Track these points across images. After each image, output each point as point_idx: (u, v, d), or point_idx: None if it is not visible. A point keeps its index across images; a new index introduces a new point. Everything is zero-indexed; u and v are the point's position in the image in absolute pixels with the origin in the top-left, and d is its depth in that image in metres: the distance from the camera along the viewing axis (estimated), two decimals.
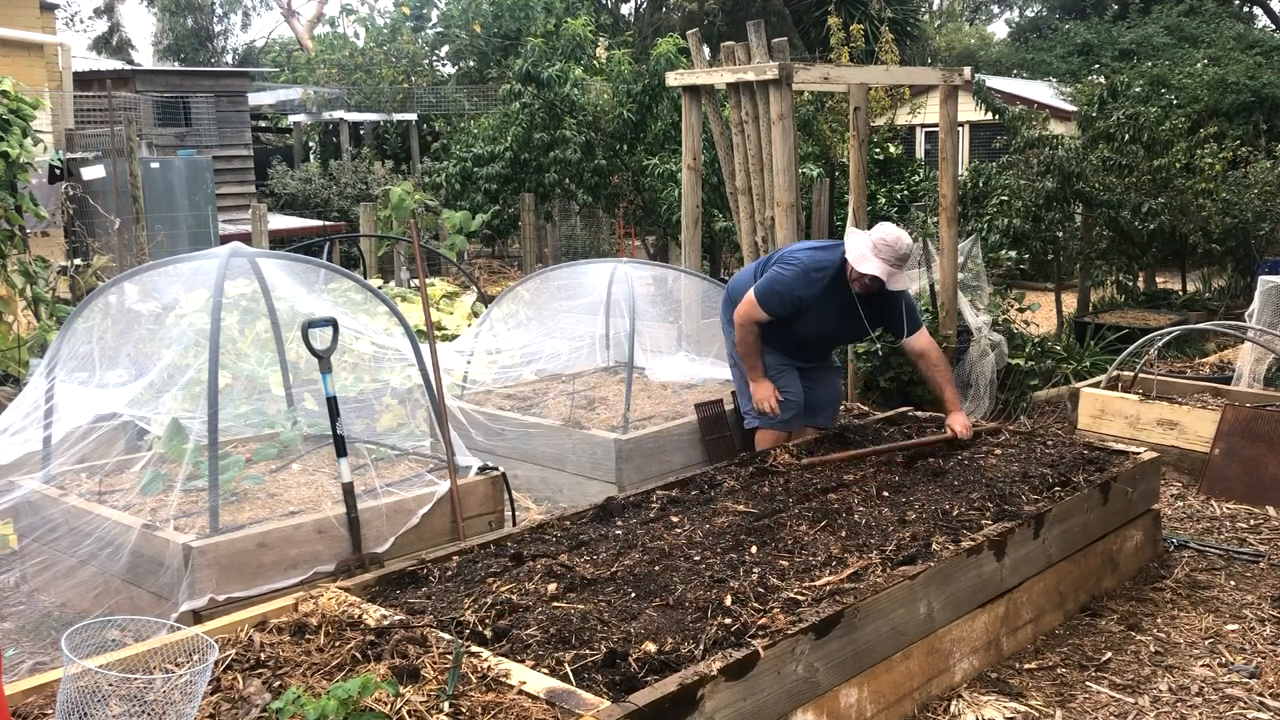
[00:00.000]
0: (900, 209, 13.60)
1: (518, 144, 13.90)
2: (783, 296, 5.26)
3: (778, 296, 5.26)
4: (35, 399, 4.67)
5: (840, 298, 5.27)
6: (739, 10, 21.90)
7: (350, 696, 2.57)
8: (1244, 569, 4.79)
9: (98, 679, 2.54)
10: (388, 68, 21.22)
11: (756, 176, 6.94)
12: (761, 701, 2.97)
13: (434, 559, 3.78)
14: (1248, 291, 9.90)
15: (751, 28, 6.86)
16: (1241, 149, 11.59)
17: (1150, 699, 3.70)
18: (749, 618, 3.21)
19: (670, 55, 12.56)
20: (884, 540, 3.86)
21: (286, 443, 5.14)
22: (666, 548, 3.80)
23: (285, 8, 33.31)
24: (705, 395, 6.26)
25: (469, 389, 6.72)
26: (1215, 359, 8.21)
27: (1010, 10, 38.04)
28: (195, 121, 16.50)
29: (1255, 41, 19.96)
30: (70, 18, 35.62)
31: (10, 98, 7.26)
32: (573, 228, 16.47)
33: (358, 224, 13.43)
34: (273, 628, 3.19)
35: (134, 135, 10.78)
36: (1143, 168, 9.98)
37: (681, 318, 7.63)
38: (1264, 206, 10.54)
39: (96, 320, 4.96)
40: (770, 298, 5.28)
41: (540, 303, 7.25)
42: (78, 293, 8.22)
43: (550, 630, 3.13)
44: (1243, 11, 30.01)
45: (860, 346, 7.77)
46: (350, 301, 5.56)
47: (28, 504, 4.54)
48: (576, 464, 5.79)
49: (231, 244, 4.75)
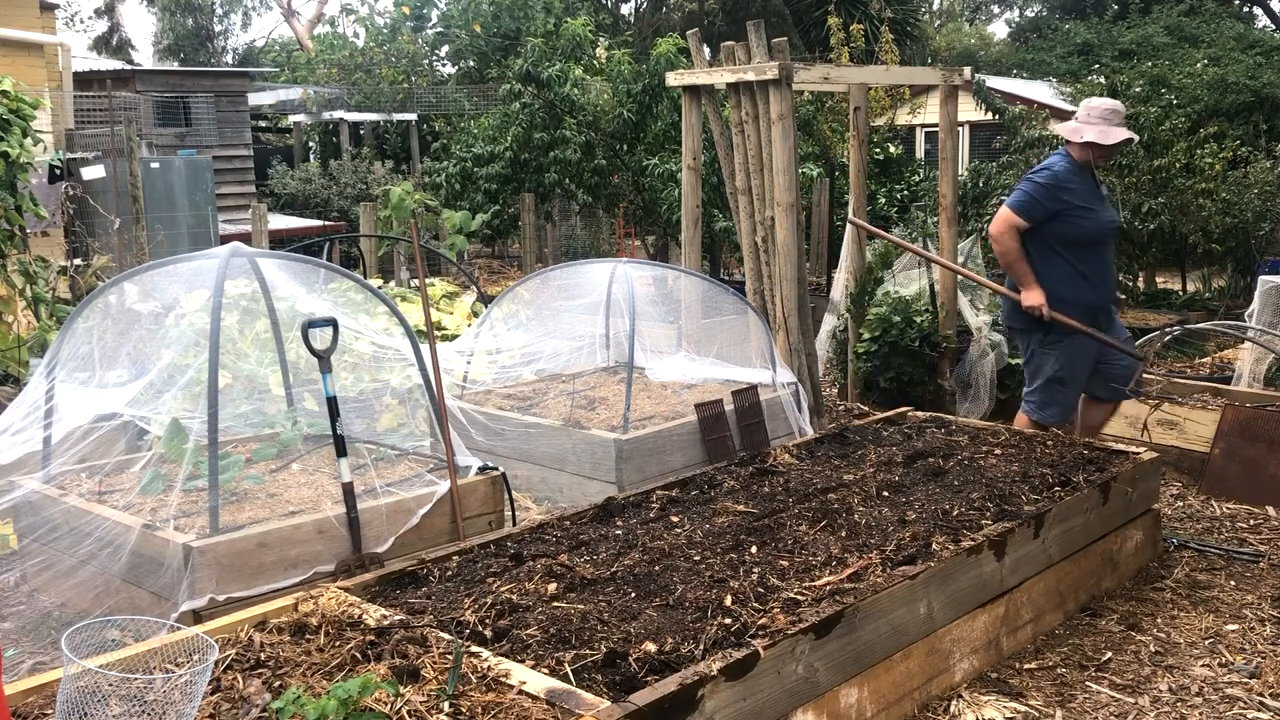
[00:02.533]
0: (900, 209, 13.60)
1: (518, 144, 13.90)
2: (1047, 189, 5.25)
3: (1042, 192, 5.24)
4: (35, 399, 4.67)
5: (1095, 189, 5.39)
6: (739, 10, 21.90)
7: (350, 696, 2.57)
8: (1244, 569, 4.79)
9: (98, 679, 2.54)
10: (388, 68, 21.23)
11: (756, 176, 6.94)
12: (761, 701, 2.97)
13: (434, 559, 3.78)
14: (1248, 291, 9.89)
15: (751, 28, 6.86)
16: (1241, 149, 11.58)
17: (1150, 699, 3.69)
18: (749, 618, 3.21)
19: (670, 55, 12.57)
20: (884, 540, 3.86)
21: (286, 443, 5.14)
22: (666, 548, 3.80)
23: (285, 8, 33.31)
24: (705, 395, 6.26)
25: (469, 389, 6.72)
26: (1215, 359, 8.21)
27: (1010, 10, 38.05)
28: (195, 121, 16.49)
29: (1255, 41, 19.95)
30: (70, 18, 35.63)
31: (10, 98, 7.27)
32: (573, 228, 16.47)
33: (358, 224, 13.44)
34: (273, 628, 3.19)
35: (134, 135, 10.78)
36: (1143, 168, 9.99)
37: (681, 318, 7.62)
38: (1264, 206, 10.53)
39: (96, 320, 4.96)
40: (1028, 201, 5.26)
41: (540, 303, 7.25)
42: (78, 293, 8.22)
43: (550, 630, 3.13)
44: (1243, 11, 30.01)
45: (860, 346, 7.77)
46: (350, 301, 5.56)
47: (28, 504, 4.54)
48: (576, 464, 5.79)
49: (231, 244, 4.74)
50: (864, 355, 7.67)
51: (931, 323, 7.64)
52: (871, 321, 7.71)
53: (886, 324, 7.61)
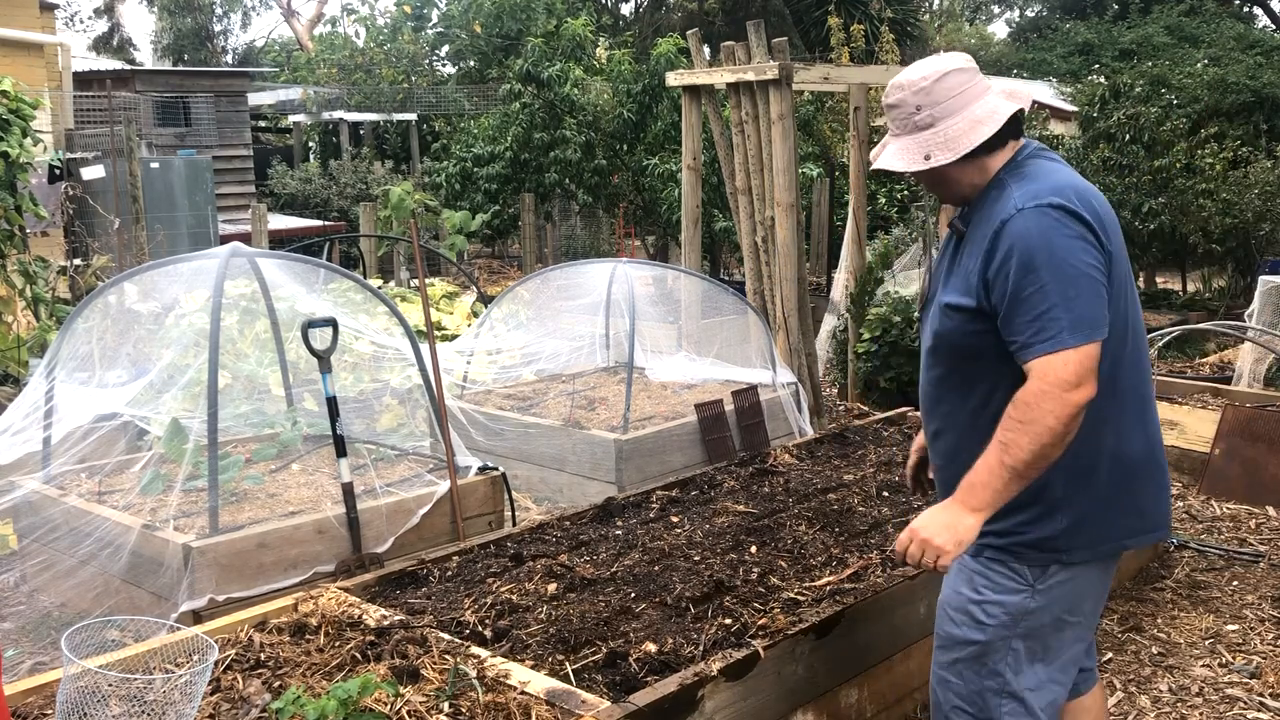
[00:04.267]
0: (900, 209, 13.59)
1: (518, 144, 13.90)
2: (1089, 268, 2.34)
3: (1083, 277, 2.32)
4: (35, 399, 4.67)
5: None
6: (739, 10, 21.90)
7: (350, 697, 2.57)
8: (1244, 569, 4.79)
9: (98, 679, 2.54)
10: (388, 68, 21.22)
11: (756, 176, 6.94)
12: (761, 702, 2.97)
13: (434, 559, 3.78)
14: (1248, 291, 9.89)
15: (751, 28, 6.86)
16: (1242, 149, 11.58)
17: (1150, 699, 3.69)
18: (749, 618, 3.21)
19: (670, 55, 12.57)
20: (884, 540, 3.86)
21: (286, 443, 5.14)
22: (666, 548, 3.80)
23: (285, 8, 33.32)
24: (705, 395, 6.26)
25: (469, 389, 6.72)
26: (1215, 359, 8.21)
27: (1010, 10, 38.06)
28: (195, 121, 16.50)
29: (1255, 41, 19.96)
30: (70, 18, 35.63)
31: (10, 98, 7.27)
32: (573, 228, 16.47)
33: (358, 224, 13.44)
34: (273, 628, 3.19)
35: (134, 135, 10.78)
36: (1143, 168, 9.99)
37: (681, 318, 7.63)
38: (1264, 206, 10.53)
39: (96, 320, 4.96)
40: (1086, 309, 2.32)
41: (540, 303, 7.25)
42: (78, 293, 8.22)
43: (550, 630, 3.13)
44: (1243, 11, 30.01)
45: (860, 346, 7.77)
46: (350, 301, 5.56)
47: (28, 504, 4.54)
48: (576, 464, 5.79)
49: (231, 244, 4.74)
50: (864, 355, 7.67)
51: None
52: (871, 321, 7.71)
53: (886, 324, 7.61)
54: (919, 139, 2.42)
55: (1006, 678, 2.50)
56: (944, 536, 2.34)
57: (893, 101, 2.48)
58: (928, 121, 2.41)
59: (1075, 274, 2.28)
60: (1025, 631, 2.48)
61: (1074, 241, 2.30)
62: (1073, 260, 2.29)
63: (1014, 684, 2.49)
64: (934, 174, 2.46)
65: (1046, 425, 2.25)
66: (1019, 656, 2.49)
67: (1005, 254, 2.31)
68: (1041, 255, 2.28)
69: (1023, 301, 2.29)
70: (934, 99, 2.41)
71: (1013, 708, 2.50)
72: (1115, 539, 2.49)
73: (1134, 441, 2.47)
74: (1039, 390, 2.26)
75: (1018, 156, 2.45)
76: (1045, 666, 2.51)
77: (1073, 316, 2.26)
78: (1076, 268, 2.29)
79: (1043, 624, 2.48)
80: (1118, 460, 2.42)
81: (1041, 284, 2.27)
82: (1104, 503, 2.41)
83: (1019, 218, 2.32)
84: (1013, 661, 2.49)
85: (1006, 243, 2.32)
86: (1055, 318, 2.26)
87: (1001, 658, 2.49)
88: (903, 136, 2.46)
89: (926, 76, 2.42)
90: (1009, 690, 2.50)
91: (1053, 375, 2.25)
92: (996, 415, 2.36)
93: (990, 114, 2.40)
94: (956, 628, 2.55)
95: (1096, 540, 2.44)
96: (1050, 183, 2.37)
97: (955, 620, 2.55)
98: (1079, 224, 2.32)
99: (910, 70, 2.47)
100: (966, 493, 2.35)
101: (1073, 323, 2.26)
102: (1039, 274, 2.27)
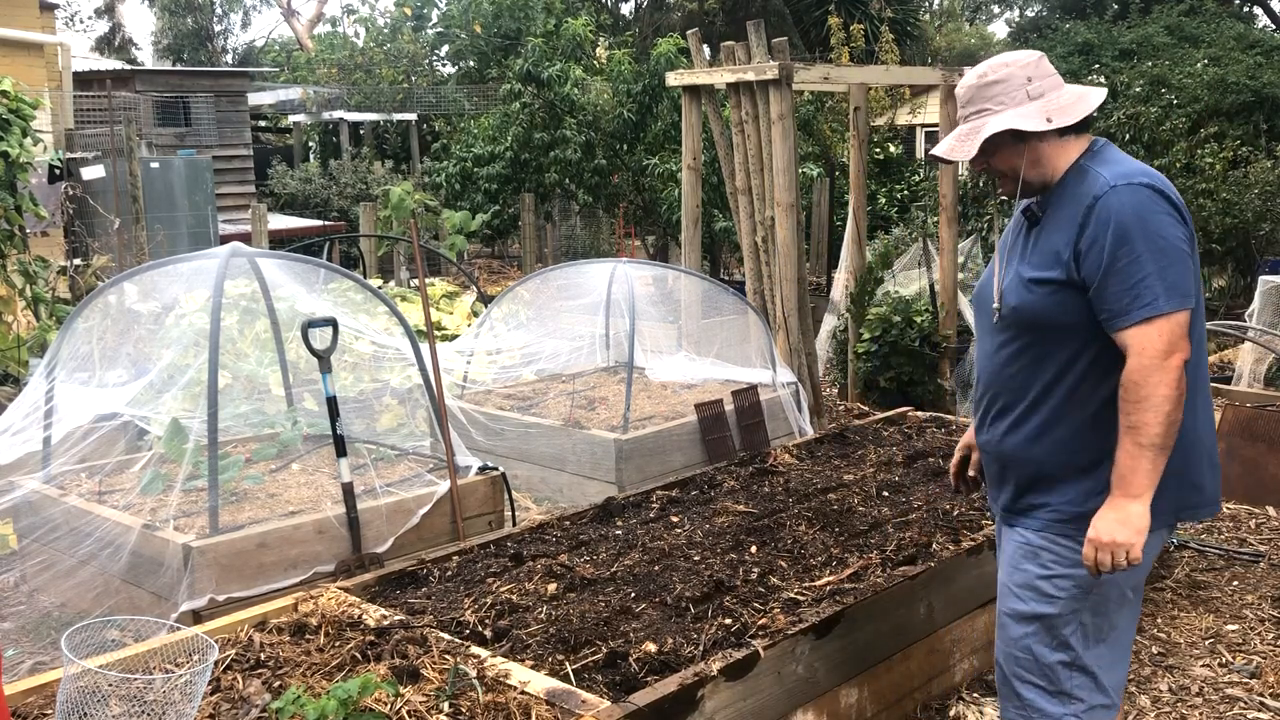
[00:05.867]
0: (900, 209, 13.60)
1: (518, 144, 13.90)
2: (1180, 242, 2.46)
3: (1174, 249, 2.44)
4: (35, 399, 4.67)
5: None
6: (739, 10, 21.89)
7: (350, 697, 2.57)
8: (1244, 569, 4.79)
9: (98, 679, 2.54)
10: (388, 68, 21.22)
11: (756, 176, 6.94)
12: (761, 701, 2.97)
13: (434, 559, 3.78)
14: (1248, 291, 9.89)
15: (751, 28, 6.86)
16: (1242, 149, 11.56)
17: (1150, 699, 3.69)
18: (749, 618, 3.21)
19: (670, 55, 12.57)
20: (884, 540, 3.86)
21: (286, 443, 5.14)
22: (666, 548, 3.80)
23: (285, 8, 33.31)
24: (705, 395, 6.26)
25: (469, 389, 6.72)
26: (1215, 359, 8.20)
27: (1010, 10, 38.03)
28: (195, 121, 16.50)
29: (1255, 41, 19.94)
30: (70, 18, 35.61)
31: (10, 98, 7.26)
32: (573, 228, 16.47)
33: (358, 224, 13.44)
34: (273, 628, 3.19)
35: (134, 135, 10.78)
36: None
37: (681, 318, 7.63)
38: (1264, 206, 10.52)
39: (96, 320, 4.96)
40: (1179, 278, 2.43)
41: (540, 303, 7.25)
42: (78, 293, 8.22)
43: (550, 630, 3.13)
44: (1243, 11, 30.01)
45: (860, 346, 7.77)
46: (350, 301, 5.56)
47: (28, 504, 4.54)
48: (576, 464, 5.79)
49: (231, 244, 4.74)
50: (864, 355, 7.67)
51: (931, 323, 7.65)
52: (871, 321, 7.71)
53: (886, 324, 7.61)
54: (1033, 107, 2.54)
55: (1078, 651, 2.58)
56: (1122, 532, 2.42)
57: (1000, 76, 2.57)
58: (1039, 92, 2.56)
59: (1167, 245, 2.41)
60: (1094, 605, 2.57)
61: (1165, 217, 2.44)
62: (1165, 233, 2.42)
63: (1085, 658, 2.58)
64: (1033, 153, 2.55)
65: (1161, 395, 2.38)
66: (1087, 631, 2.58)
67: (1099, 227, 2.43)
68: (1136, 228, 2.41)
69: (1118, 272, 2.41)
70: (1042, 72, 2.58)
71: (1083, 681, 2.59)
72: (1175, 510, 2.58)
73: (1197, 416, 2.56)
74: (1140, 366, 2.39)
75: (1093, 146, 2.60)
76: (1109, 648, 2.61)
77: (1166, 284, 2.39)
78: (1168, 239, 2.42)
79: (1108, 597, 2.57)
80: (1183, 433, 2.48)
81: (1137, 254, 2.40)
82: (1166, 474, 2.46)
83: (1112, 194, 2.44)
84: (1082, 636, 2.58)
85: (1101, 216, 2.44)
86: (1150, 285, 2.38)
87: (1073, 631, 2.58)
88: (1009, 109, 2.55)
89: (1030, 56, 2.60)
90: (1080, 664, 2.58)
91: (1150, 348, 2.38)
92: (1073, 388, 2.51)
93: (1086, 92, 2.58)
94: (1024, 604, 2.62)
95: (1158, 510, 2.48)
96: (1136, 166, 2.54)
97: (1022, 597, 2.62)
98: (1167, 203, 2.46)
99: (1007, 55, 2.63)
100: (1120, 486, 2.44)
101: (1167, 289, 2.39)
102: (1134, 245, 2.40)
